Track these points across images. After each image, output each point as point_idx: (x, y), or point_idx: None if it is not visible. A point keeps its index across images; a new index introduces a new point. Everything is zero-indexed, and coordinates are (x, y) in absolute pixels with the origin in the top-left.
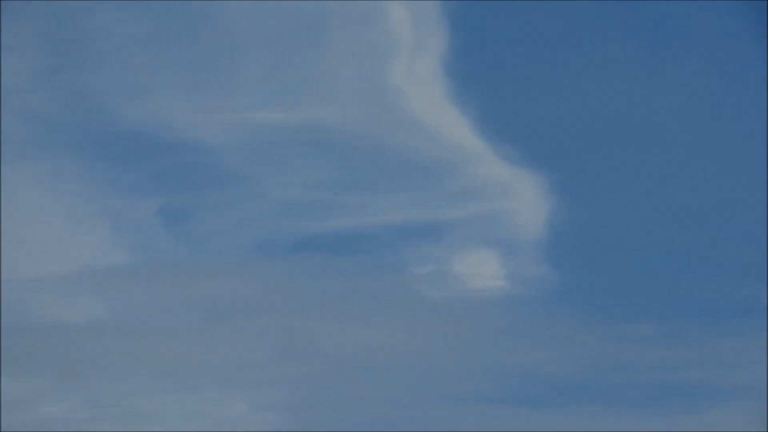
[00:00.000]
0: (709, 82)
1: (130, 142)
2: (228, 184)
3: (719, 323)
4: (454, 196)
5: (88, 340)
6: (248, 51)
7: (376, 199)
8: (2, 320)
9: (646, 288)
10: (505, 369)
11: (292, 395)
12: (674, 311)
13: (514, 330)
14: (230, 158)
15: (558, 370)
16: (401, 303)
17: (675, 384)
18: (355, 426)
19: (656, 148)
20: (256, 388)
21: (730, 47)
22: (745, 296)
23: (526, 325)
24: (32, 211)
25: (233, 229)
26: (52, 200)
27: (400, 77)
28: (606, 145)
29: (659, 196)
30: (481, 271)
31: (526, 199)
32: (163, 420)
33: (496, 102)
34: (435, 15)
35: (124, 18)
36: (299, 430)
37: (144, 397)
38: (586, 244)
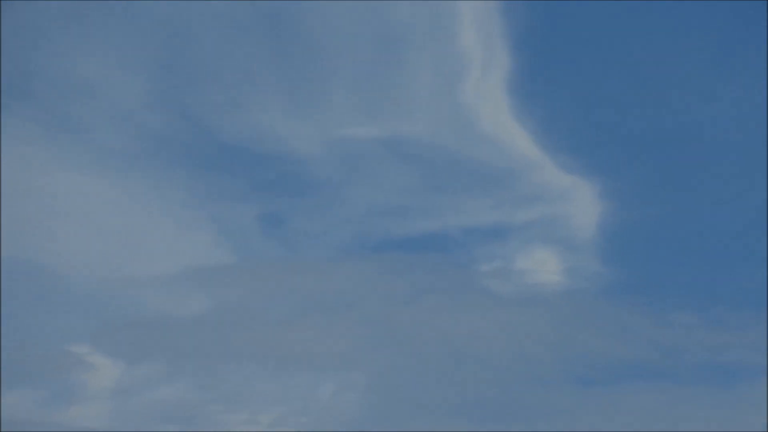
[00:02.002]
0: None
1: (231, 154)
2: (319, 191)
3: (752, 312)
4: (517, 201)
5: (196, 330)
6: (337, 71)
7: (450, 203)
8: (123, 314)
9: (689, 281)
10: (564, 354)
11: (374, 378)
12: (713, 301)
13: (571, 319)
14: (322, 168)
15: (612, 353)
16: (471, 296)
17: (715, 363)
18: (428, 406)
19: (698, 157)
20: (342, 372)
21: None
22: None
23: (582, 315)
24: (146, 218)
25: (324, 231)
26: (163, 208)
27: (470, 94)
28: (651, 154)
29: (698, 200)
30: (542, 267)
31: (580, 204)
32: (262, 400)
33: (553, 116)
34: (500, 38)
35: (225, 40)
36: (380, 409)
37: (245, 380)
38: (634, 243)
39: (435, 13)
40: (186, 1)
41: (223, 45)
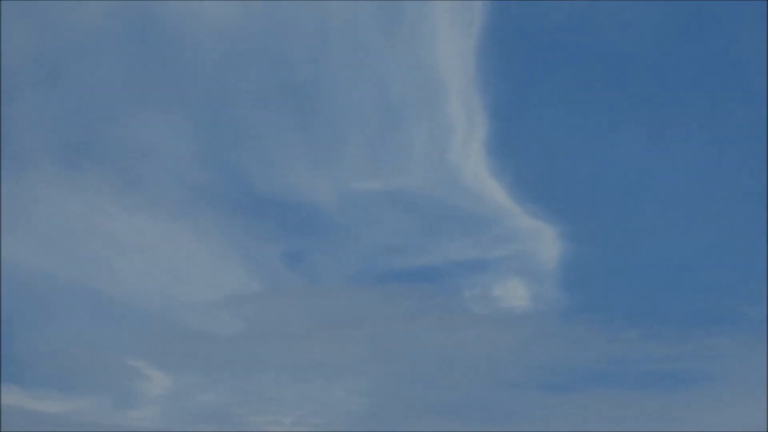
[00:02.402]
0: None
1: (262, 202)
2: (333, 233)
3: (686, 328)
4: (493, 241)
5: (231, 346)
6: (349, 135)
7: (439, 243)
8: (172, 333)
9: (634, 304)
10: (531, 363)
11: (377, 384)
12: (654, 320)
13: (537, 336)
14: (336, 213)
15: (569, 364)
16: (456, 316)
17: (656, 372)
18: (421, 406)
19: (639, 203)
20: (350, 379)
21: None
22: (710, 309)
23: (546, 332)
24: (192, 254)
25: (337, 264)
26: (206, 246)
27: (455, 155)
28: (601, 202)
29: (640, 238)
30: (513, 293)
31: (544, 243)
32: (284, 403)
33: (522, 173)
34: (479, 109)
35: (259, 109)
36: (382, 410)
37: (271, 386)
38: (588, 273)
39: (426, 87)
40: (226, 77)
41: (258, 114)
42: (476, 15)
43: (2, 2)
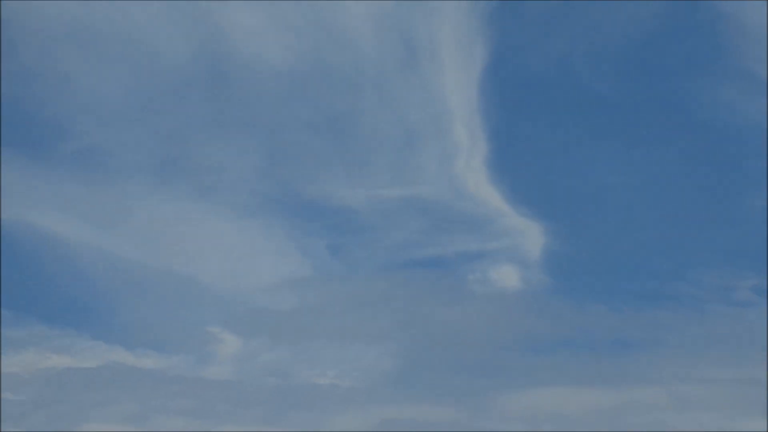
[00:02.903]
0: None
1: (310, 207)
2: (366, 230)
3: (640, 305)
4: (491, 236)
5: (287, 317)
6: (376, 154)
7: (448, 238)
8: (242, 307)
9: (599, 286)
10: (518, 331)
11: (401, 348)
12: (615, 299)
13: (524, 310)
14: (367, 215)
15: (550, 331)
16: (461, 295)
17: (615, 338)
18: (435, 364)
19: (605, 208)
20: (380, 344)
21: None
22: (656, 290)
23: (531, 307)
24: (257, 247)
25: (369, 255)
26: (268, 241)
27: (461, 168)
28: (576, 207)
29: (606, 234)
30: (506, 277)
31: (531, 237)
32: (329, 361)
33: (515, 182)
34: (481, 131)
35: (305, 136)
36: (404, 367)
37: (320, 349)
38: (565, 261)
39: (438, 115)
40: (283, 108)
41: (306, 137)
42: (478, 57)
43: (109, 51)
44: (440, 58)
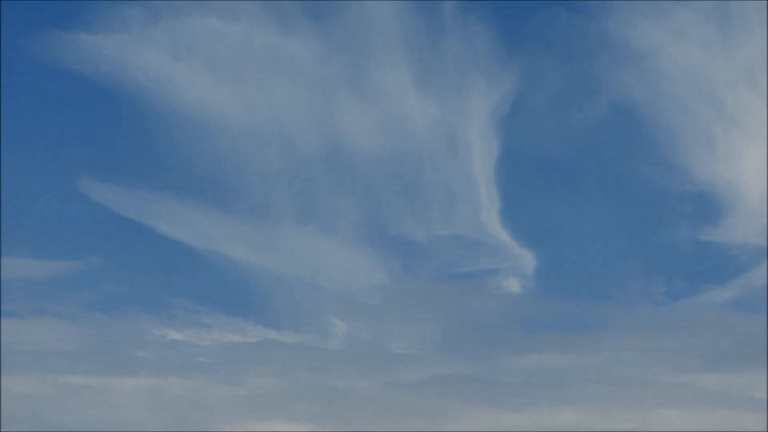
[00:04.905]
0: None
1: (392, 238)
2: (424, 254)
3: (597, 302)
4: (503, 259)
5: (375, 309)
6: (432, 206)
7: (475, 260)
8: (346, 301)
9: (570, 291)
10: (518, 319)
11: (443, 330)
12: (580, 299)
13: (522, 306)
14: (425, 244)
15: (537, 320)
16: (484, 296)
17: (579, 323)
18: (463, 338)
19: (582, 239)
20: (429, 326)
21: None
22: (608, 294)
23: (527, 305)
24: (355, 265)
25: (426, 270)
26: (361, 260)
27: (484, 217)
28: (558, 239)
29: (576, 259)
30: (511, 285)
31: (528, 260)
32: (401, 335)
33: (518, 225)
34: (496, 194)
35: (389, 186)
36: (444, 341)
37: (398, 331)
38: (548, 277)
39: (468, 183)
40: (378, 171)
41: (388, 196)
42: (495, 146)
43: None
44: (471, 145)
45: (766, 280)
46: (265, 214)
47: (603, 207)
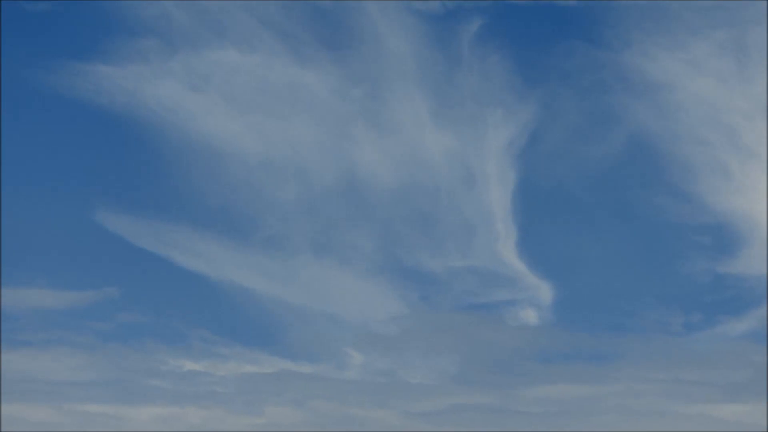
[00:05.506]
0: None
1: (409, 270)
2: (441, 286)
3: (613, 333)
4: (519, 290)
5: (392, 340)
6: (448, 239)
7: (492, 291)
8: (362, 333)
9: (585, 321)
10: (535, 349)
11: (460, 359)
12: (595, 329)
13: (539, 336)
14: (442, 276)
15: (554, 349)
16: (501, 326)
17: (596, 353)
18: (483, 368)
19: (595, 271)
20: (448, 356)
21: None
22: (622, 324)
23: (544, 334)
24: (372, 297)
25: (444, 301)
26: (377, 292)
27: (501, 248)
28: (572, 273)
29: (594, 290)
30: (529, 316)
31: (543, 291)
32: (418, 366)
33: (534, 257)
34: (513, 225)
35: (409, 221)
36: (462, 370)
37: (412, 358)
38: (564, 307)
39: (485, 216)
40: (397, 205)
41: (404, 228)
42: (511, 179)
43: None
44: (487, 177)
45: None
46: (281, 245)
47: (620, 238)
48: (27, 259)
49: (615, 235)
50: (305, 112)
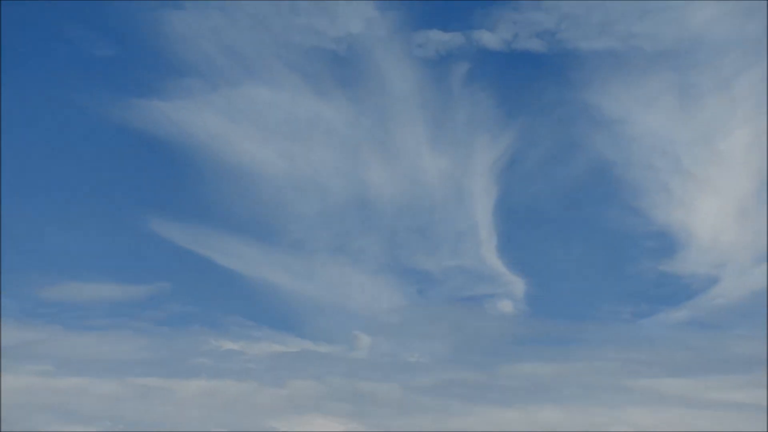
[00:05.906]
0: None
1: (406, 268)
2: (436, 282)
3: (575, 322)
4: (498, 285)
5: (394, 327)
6: (442, 245)
7: (477, 287)
8: (370, 321)
9: (552, 312)
10: (510, 335)
11: (449, 343)
12: (559, 318)
13: (514, 324)
14: (437, 274)
15: (526, 334)
16: (483, 316)
17: (559, 338)
18: (466, 352)
19: (564, 274)
20: (439, 341)
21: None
22: (584, 314)
23: (518, 323)
24: (378, 291)
25: (437, 295)
26: (383, 288)
27: (483, 251)
28: (543, 271)
29: (557, 287)
30: (505, 307)
31: (518, 286)
32: (415, 348)
33: (511, 257)
34: (494, 231)
35: (410, 231)
36: (450, 353)
37: (410, 342)
38: (535, 300)
39: (470, 224)
40: (399, 219)
41: (405, 236)
42: (493, 193)
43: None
44: (474, 192)
45: (713, 303)
46: (303, 248)
47: (581, 243)
48: (96, 260)
49: (577, 241)
50: (324, 139)
